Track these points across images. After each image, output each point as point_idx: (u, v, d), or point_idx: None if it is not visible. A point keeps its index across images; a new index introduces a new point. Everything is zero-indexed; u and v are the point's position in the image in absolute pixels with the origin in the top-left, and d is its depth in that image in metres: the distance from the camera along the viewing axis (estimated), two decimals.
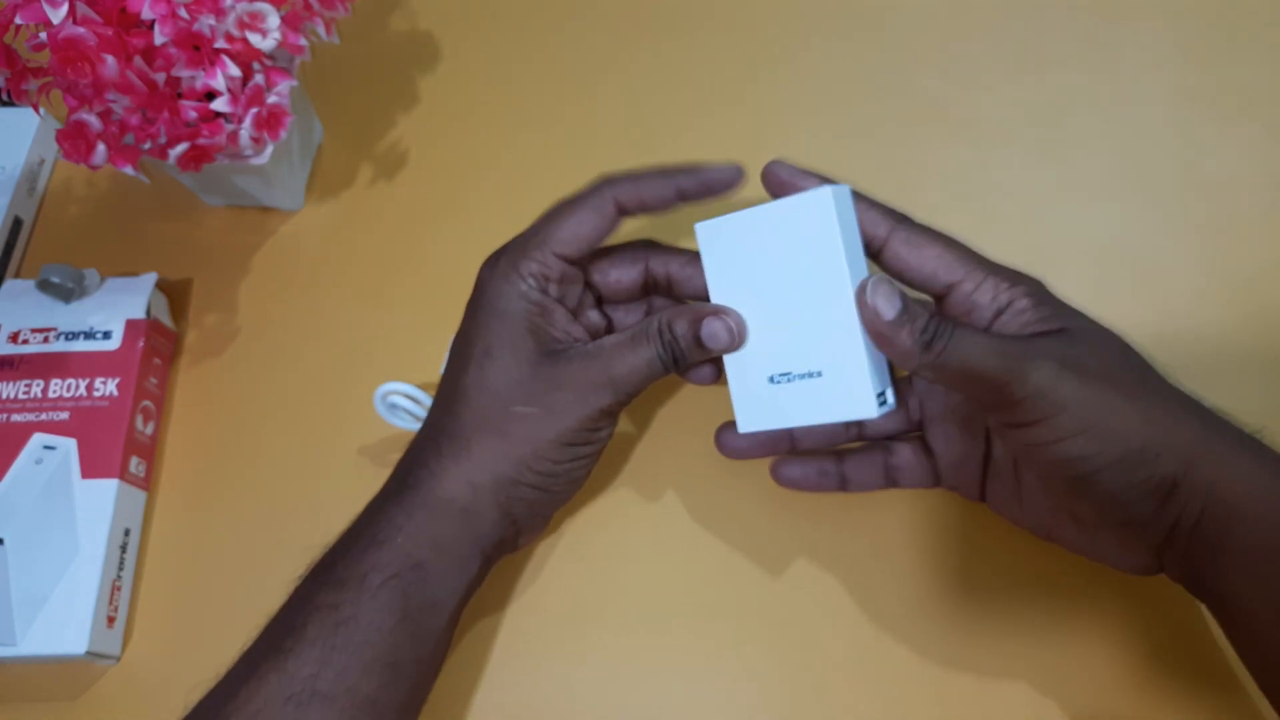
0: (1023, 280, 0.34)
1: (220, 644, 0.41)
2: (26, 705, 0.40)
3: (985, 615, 0.39)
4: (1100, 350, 0.33)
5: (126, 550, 0.42)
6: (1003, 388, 0.31)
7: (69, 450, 0.42)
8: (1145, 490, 0.31)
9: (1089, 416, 0.31)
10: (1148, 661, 0.38)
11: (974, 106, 0.51)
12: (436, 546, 0.34)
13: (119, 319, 0.45)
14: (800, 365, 0.34)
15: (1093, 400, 0.31)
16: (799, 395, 0.35)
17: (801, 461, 0.40)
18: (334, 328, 0.48)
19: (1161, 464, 0.31)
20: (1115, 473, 0.31)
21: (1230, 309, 0.45)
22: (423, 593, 0.33)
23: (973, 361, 0.31)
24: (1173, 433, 0.31)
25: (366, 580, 0.33)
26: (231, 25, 0.40)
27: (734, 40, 0.54)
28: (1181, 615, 0.38)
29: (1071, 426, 0.31)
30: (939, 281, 0.34)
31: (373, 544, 0.34)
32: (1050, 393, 0.31)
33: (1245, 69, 0.51)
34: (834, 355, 0.34)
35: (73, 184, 0.53)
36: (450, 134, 0.53)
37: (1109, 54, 0.52)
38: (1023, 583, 0.40)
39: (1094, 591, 0.39)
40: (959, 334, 0.32)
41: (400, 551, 0.34)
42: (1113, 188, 0.48)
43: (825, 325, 0.34)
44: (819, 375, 0.34)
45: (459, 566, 0.35)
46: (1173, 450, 0.31)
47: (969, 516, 0.41)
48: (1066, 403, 0.31)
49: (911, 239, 0.35)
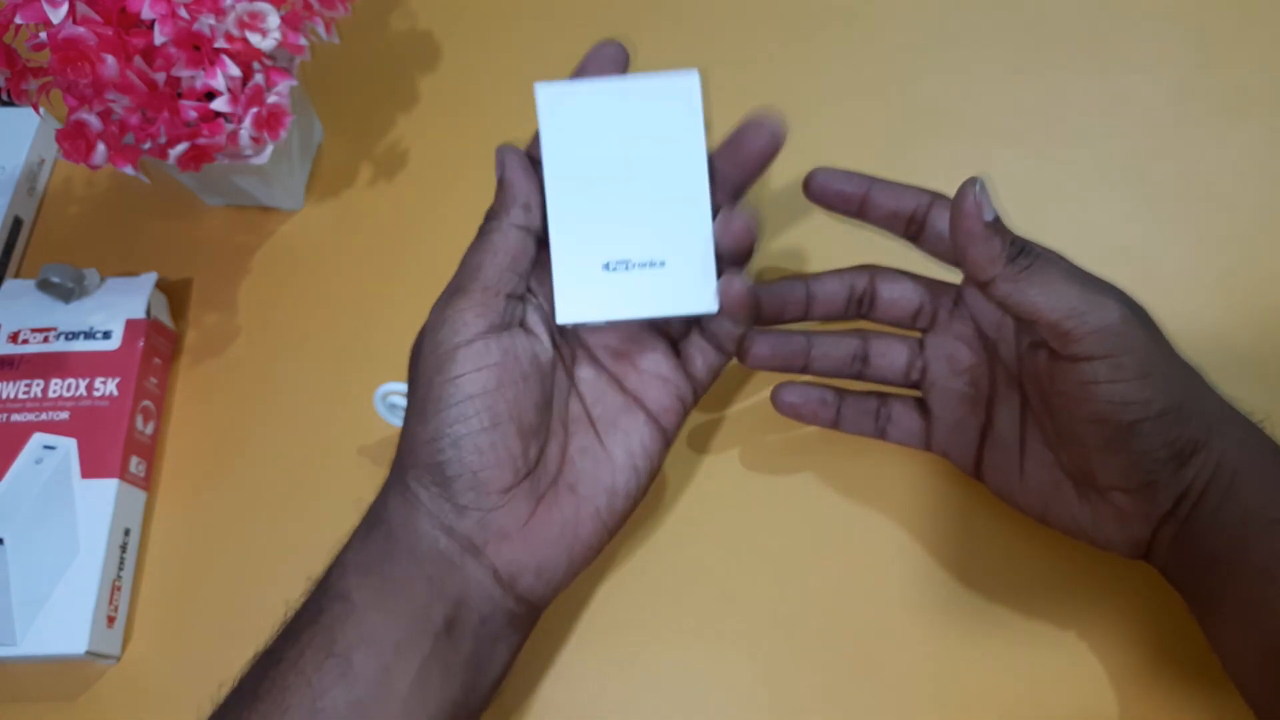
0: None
1: (220, 644, 0.41)
2: (26, 705, 0.40)
3: (984, 614, 0.39)
4: (1145, 314, 0.33)
5: (126, 550, 0.42)
6: (1076, 318, 0.32)
7: (69, 450, 0.42)
8: (1175, 450, 0.32)
9: (1152, 362, 0.32)
10: (1147, 661, 0.38)
11: (972, 106, 0.51)
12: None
13: (119, 319, 0.45)
14: (642, 253, 0.33)
15: (1155, 350, 0.32)
16: (635, 285, 0.33)
17: (804, 388, 0.40)
18: (334, 327, 0.48)
19: (1191, 426, 0.32)
20: (1157, 425, 0.32)
21: (1230, 309, 0.45)
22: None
23: (1055, 286, 0.32)
24: (1202, 400, 0.33)
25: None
26: (231, 25, 0.40)
27: (733, 39, 0.54)
28: (1183, 615, 0.38)
29: (1135, 369, 0.31)
30: None
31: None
32: (1122, 333, 0.31)
33: (1245, 69, 0.51)
34: (681, 245, 0.33)
35: (73, 184, 0.53)
36: (450, 134, 0.53)
37: (1109, 54, 0.52)
38: (1022, 582, 0.40)
39: (1094, 591, 0.39)
40: (1044, 257, 0.33)
41: None
42: (1112, 187, 0.48)
43: (674, 213, 0.32)
44: (661, 265, 0.32)
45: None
46: (1201, 416, 0.33)
47: (969, 516, 0.41)
48: (1134, 345, 0.32)
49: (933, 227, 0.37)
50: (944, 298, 0.39)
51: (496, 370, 0.31)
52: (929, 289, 0.39)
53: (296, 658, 0.30)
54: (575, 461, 0.34)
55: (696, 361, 0.37)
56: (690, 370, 0.36)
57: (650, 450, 0.35)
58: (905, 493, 0.41)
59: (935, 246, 0.37)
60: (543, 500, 0.33)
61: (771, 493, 0.42)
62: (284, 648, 0.31)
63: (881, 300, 0.39)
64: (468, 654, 0.32)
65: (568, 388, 0.35)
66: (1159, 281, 0.46)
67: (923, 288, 0.39)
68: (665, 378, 0.36)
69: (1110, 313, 0.32)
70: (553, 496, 0.33)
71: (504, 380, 0.31)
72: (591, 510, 0.33)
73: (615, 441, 0.35)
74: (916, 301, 0.39)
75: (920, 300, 0.39)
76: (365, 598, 0.31)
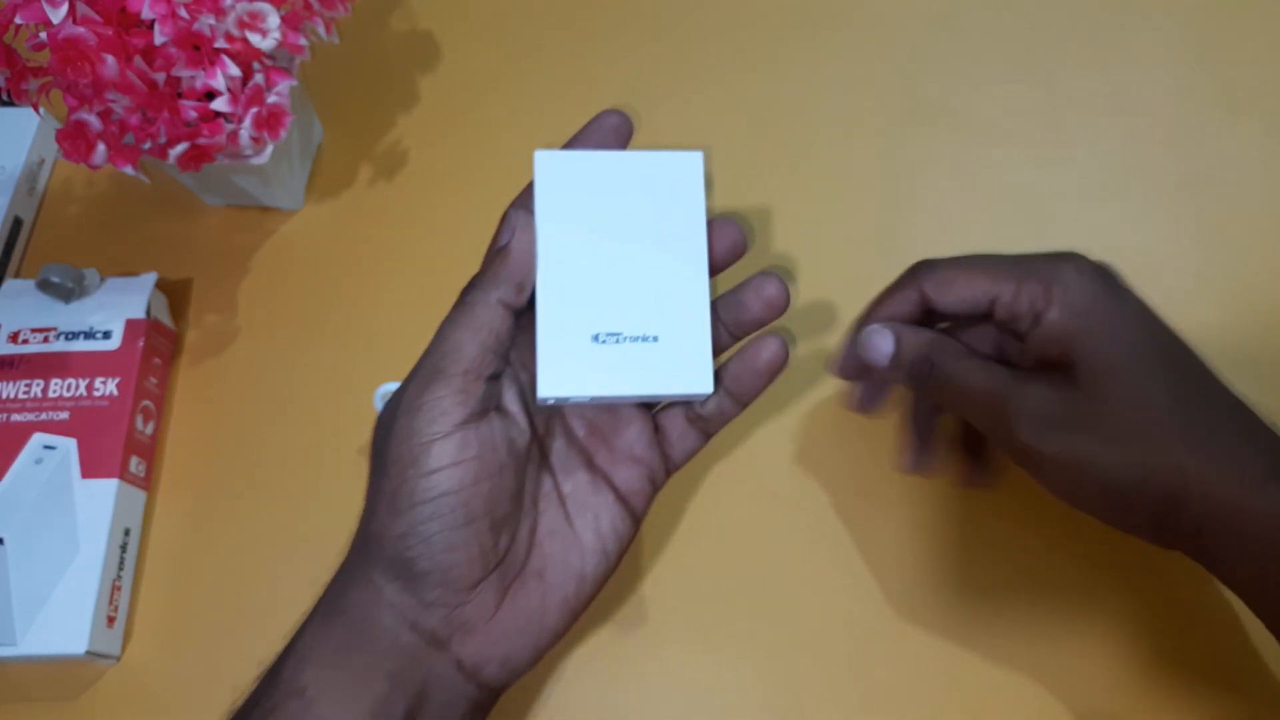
0: (1057, 277, 0.33)
1: (219, 643, 0.41)
2: (26, 705, 0.40)
3: (989, 614, 0.39)
4: (1101, 375, 0.32)
5: (126, 550, 0.42)
6: (1004, 403, 0.32)
7: (69, 450, 0.42)
8: (1139, 512, 0.32)
9: (1071, 467, 0.32)
10: (1151, 661, 0.38)
11: (973, 106, 0.51)
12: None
13: (119, 319, 0.45)
14: (634, 328, 0.31)
15: (1078, 451, 0.31)
16: (624, 361, 0.31)
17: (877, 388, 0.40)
18: (333, 327, 0.48)
19: (1153, 490, 0.31)
20: (1102, 503, 0.32)
21: (1229, 308, 0.45)
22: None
23: (963, 379, 0.33)
24: (1166, 455, 0.31)
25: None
26: (231, 25, 0.40)
27: (734, 41, 0.54)
28: (1185, 615, 0.38)
29: (1055, 477, 0.32)
30: (980, 306, 0.35)
31: None
32: (1031, 446, 0.32)
33: (1245, 69, 0.51)
34: (676, 322, 0.32)
35: (73, 184, 0.53)
36: (450, 134, 0.53)
37: (1108, 54, 0.52)
38: (1027, 582, 0.40)
39: (1098, 591, 0.39)
40: (940, 362, 0.34)
41: None
42: (1112, 187, 0.49)
43: (671, 290, 0.32)
44: (654, 340, 0.31)
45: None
46: (1163, 474, 0.31)
47: (972, 515, 0.41)
48: (1043, 461, 0.32)
49: (938, 282, 0.35)
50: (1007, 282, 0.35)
51: (475, 465, 0.30)
52: (988, 277, 0.35)
53: None
54: (544, 545, 0.33)
55: (674, 441, 0.35)
56: (666, 449, 0.35)
57: (620, 532, 0.34)
58: (905, 493, 0.41)
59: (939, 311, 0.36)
60: (510, 590, 0.32)
61: (772, 492, 0.42)
62: None
63: (946, 310, 0.36)
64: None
65: (539, 463, 0.34)
66: (1159, 281, 0.46)
67: (979, 281, 0.35)
68: (638, 458, 0.34)
69: (1021, 430, 0.32)
70: (519, 585, 0.32)
71: (480, 475, 0.30)
72: (559, 599, 0.32)
73: (585, 524, 0.33)
74: (983, 302, 0.35)
75: (987, 297, 0.35)
76: (322, 693, 0.29)
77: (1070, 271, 0.33)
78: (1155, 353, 0.32)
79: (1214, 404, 0.32)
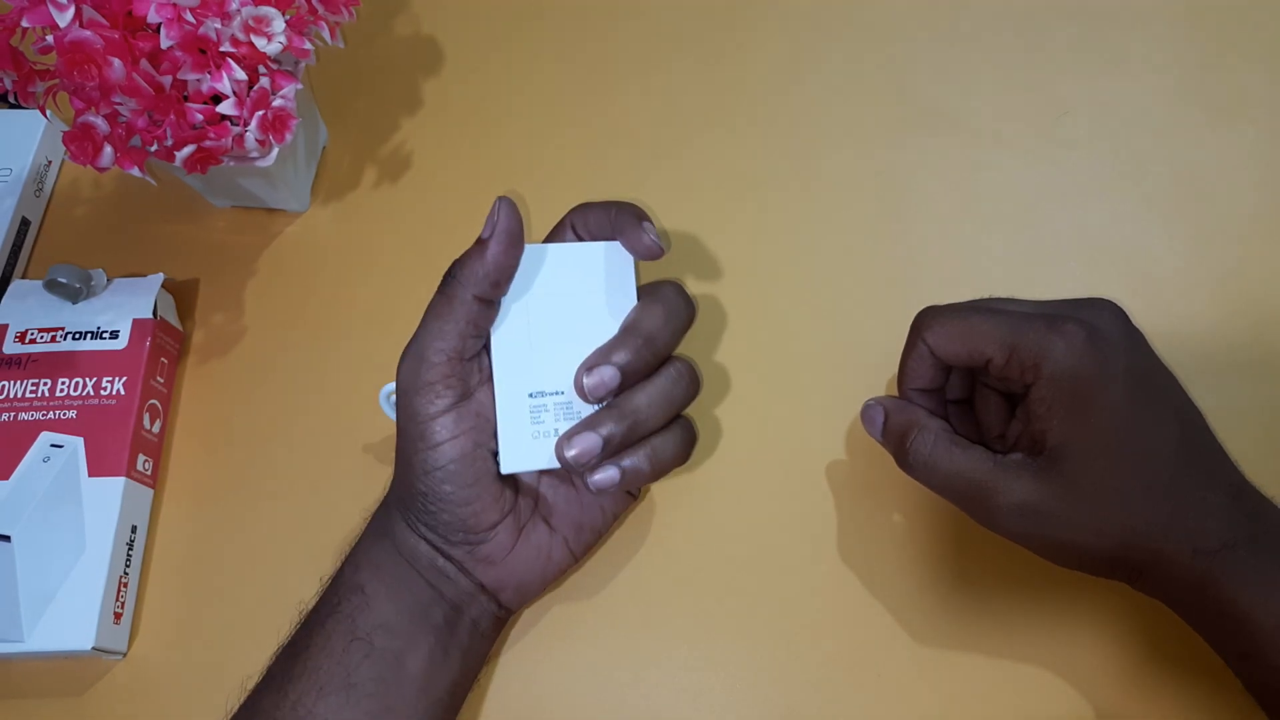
0: (1047, 352, 0.33)
1: (225, 640, 0.41)
2: (34, 701, 0.40)
3: (986, 612, 0.40)
4: (1080, 467, 0.33)
5: (133, 547, 0.42)
6: (990, 490, 0.34)
7: (76, 448, 0.42)
8: (1109, 576, 0.35)
9: (1049, 548, 0.34)
10: (1149, 658, 0.38)
11: (972, 106, 0.51)
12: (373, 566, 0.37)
13: (126, 319, 0.45)
14: (552, 385, 0.37)
15: (1059, 537, 0.34)
16: (556, 420, 0.36)
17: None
18: (339, 327, 0.48)
19: (1122, 565, 0.34)
20: (1075, 567, 0.35)
21: (1225, 309, 0.45)
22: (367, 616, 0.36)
23: (946, 467, 0.35)
24: (1135, 538, 0.33)
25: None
26: (237, 29, 0.40)
27: (735, 45, 0.55)
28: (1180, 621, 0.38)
29: (1030, 547, 0.35)
30: (977, 364, 0.35)
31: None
32: (1012, 533, 0.34)
33: (1241, 70, 0.51)
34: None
35: (80, 185, 0.53)
36: (453, 136, 0.53)
37: (1104, 55, 0.52)
38: (1025, 580, 0.40)
39: (1095, 589, 0.39)
40: (924, 444, 0.35)
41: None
42: (1107, 188, 0.49)
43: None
44: (561, 394, 0.36)
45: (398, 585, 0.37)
46: (1135, 552, 0.33)
47: None
48: (1022, 540, 0.34)
49: (936, 337, 0.36)
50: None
51: (472, 434, 0.35)
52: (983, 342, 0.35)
53: (324, 643, 0.35)
54: (548, 496, 0.39)
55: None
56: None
57: (616, 495, 0.40)
58: (906, 492, 0.42)
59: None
60: (524, 530, 0.37)
61: (772, 493, 0.43)
62: (309, 636, 0.36)
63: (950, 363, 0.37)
64: (464, 645, 0.37)
65: None
66: (1156, 282, 0.46)
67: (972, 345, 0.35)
68: None
69: (1000, 519, 0.34)
70: (531, 526, 0.38)
71: (480, 441, 0.36)
72: (560, 540, 0.38)
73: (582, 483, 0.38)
74: (979, 361, 0.35)
75: (982, 359, 0.35)
76: (378, 590, 0.36)
77: (1059, 347, 0.33)
78: (1132, 435, 0.33)
79: (1186, 478, 0.33)
